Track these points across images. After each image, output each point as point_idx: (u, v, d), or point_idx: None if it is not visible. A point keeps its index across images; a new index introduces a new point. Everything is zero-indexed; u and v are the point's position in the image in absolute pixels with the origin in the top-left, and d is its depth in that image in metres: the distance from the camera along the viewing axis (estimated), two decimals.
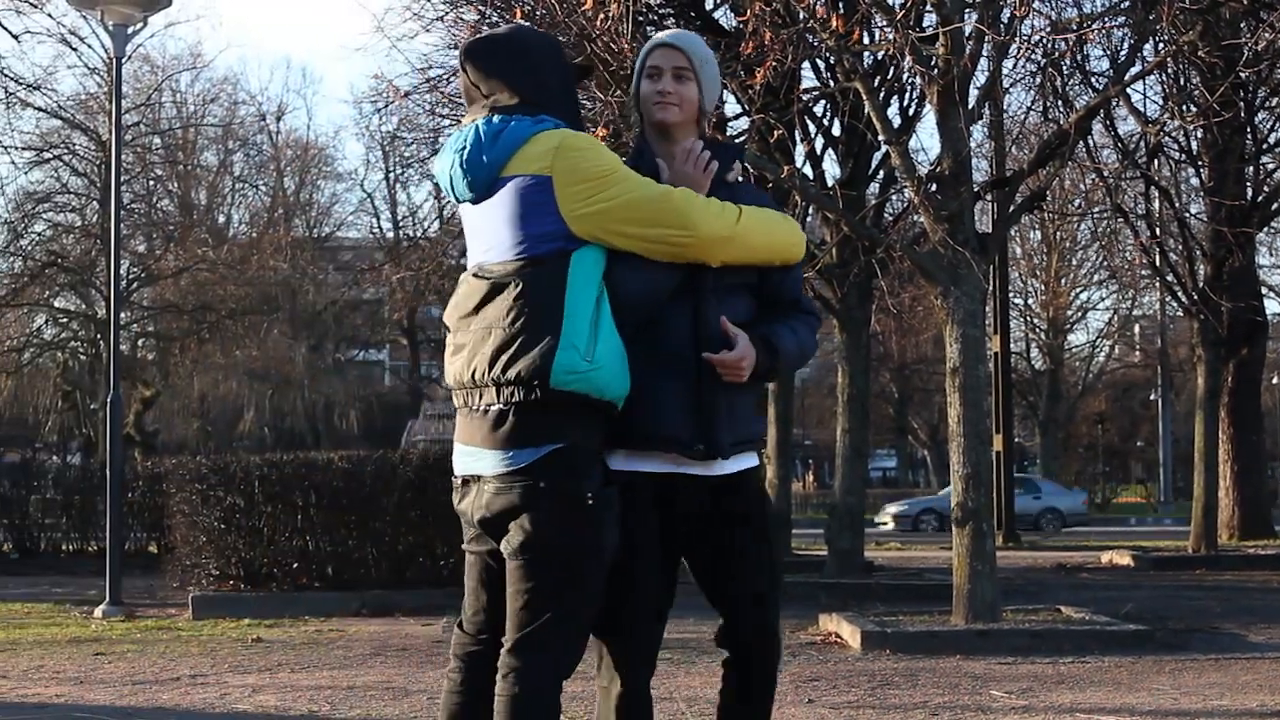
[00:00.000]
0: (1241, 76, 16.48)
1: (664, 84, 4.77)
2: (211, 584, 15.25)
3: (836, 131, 17.93)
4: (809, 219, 20.07)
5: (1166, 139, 21.64)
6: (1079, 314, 57.95)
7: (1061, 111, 15.84)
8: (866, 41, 14.14)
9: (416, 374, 63.66)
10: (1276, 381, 60.89)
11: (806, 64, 16.05)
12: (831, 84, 15.40)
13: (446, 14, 18.62)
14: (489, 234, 4.50)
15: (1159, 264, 23.84)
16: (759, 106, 14.41)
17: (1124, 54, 15.14)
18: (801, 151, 17.56)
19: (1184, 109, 18.09)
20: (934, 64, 12.34)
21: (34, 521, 23.21)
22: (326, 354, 56.77)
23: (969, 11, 12.50)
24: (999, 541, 18.89)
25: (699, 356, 4.56)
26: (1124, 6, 14.02)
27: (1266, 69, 18.45)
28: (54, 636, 12.99)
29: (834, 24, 12.08)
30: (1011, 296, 36.59)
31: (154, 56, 48.65)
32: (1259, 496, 27.50)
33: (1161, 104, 20.10)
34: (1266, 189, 22.87)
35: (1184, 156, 23.95)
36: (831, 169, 18.49)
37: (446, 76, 19.31)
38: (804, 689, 9.40)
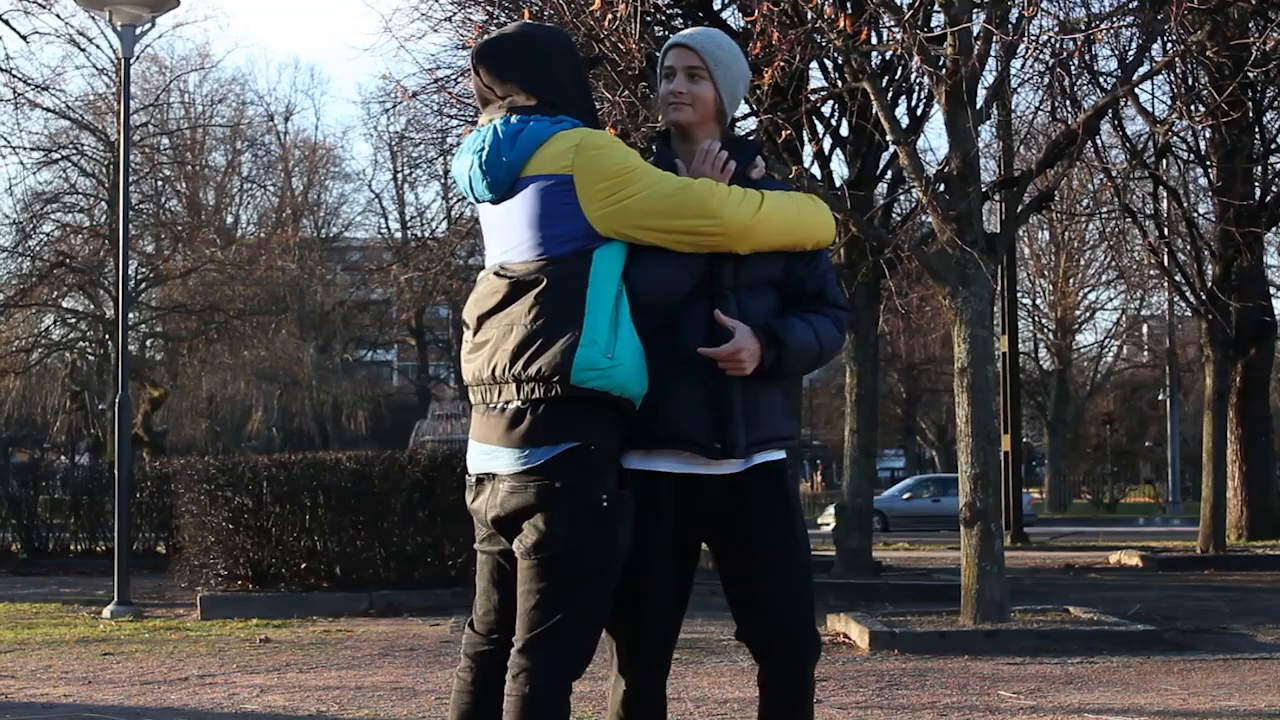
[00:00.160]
0: (1250, 76, 16.44)
1: (676, 84, 4.76)
2: (220, 584, 15.25)
3: (844, 132, 17.92)
4: None
5: (1175, 139, 21.59)
6: (1087, 314, 57.98)
7: (1069, 111, 15.83)
8: (874, 41, 14.16)
9: (425, 374, 63.72)
10: None
11: (814, 64, 16.04)
12: (839, 84, 15.39)
13: (454, 14, 18.64)
14: (510, 233, 4.50)
15: (1167, 264, 23.79)
16: (767, 107, 14.42)
17: (1132, 54, 15.12)
18: (809, 152, 17.55)
19: (1192, 109, 18.05)
20: (942, 64, 12.34)
21: (42, 521, 23.19)
22: (334, 354, 56.85)
23: (977, 11, 12.49)
24: (1007, 542, 18.84)
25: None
26: (1132, 6, 14.02)
27: (1275, 69, 18.39)
28: (62, 636, 12.99)
29: (842, 24, 12.08)
30: (1020, 297, 36.68)
31: (162, 57, 48.93)
32: (1267, 497, 27.47)
33: (1170, 104, 20.02)
34: (1275, 189, 22.80)
35: (1192, 156, 23.92)
36: (839, 169, 18.49)
37: (454, 77, 19.31)
38: None
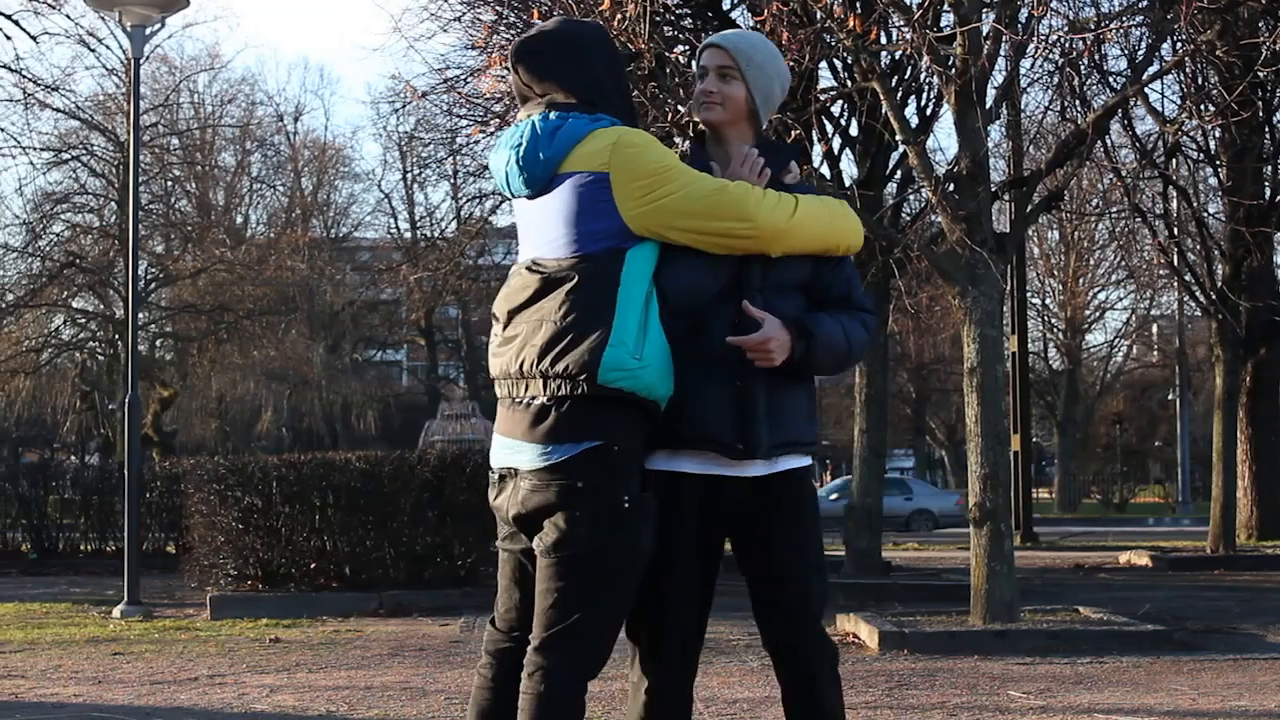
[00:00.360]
0: (1260, 76, 16.42)
1: (707, 83, 4.79)
2: (229, 584, 15.27)
3: (854, 131, 17.91)
4: None
5: (1184, 138, 21.57)
6: (1097, 314, 57.93)
7: (1079, 111, 15.80)
8: (884, 41, 14.12)
9: (434, 374, 63.73)
10: None
11: (824, 64, 16.03)
12: (849, 84, 15.39)
13: (464, 15, 18.63)
14: (544, 229, 4.51)
15: (1177, 264, 23.77)
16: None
17: (1142, 53, 15.09)
18: (819, 152, 17.53)
19: (1202, 108, 18.03)
20: (951, 64, 12.33)
21: (52, 522, 23.23)
22: (344, 354, 56.84)
23: (987, 11, 12.49)
24: (1017, 542, 18.83)
25: (742, 357, 4.53)
26: (1142, 6, 13.99)
27: None
28: (72, 636, 13.01)
29: (851, 24, 12.07)
30: (1029, 296, 36.60)
31: (172, 57, 48.88)
32: (1277, 497, 27.36)
33: (1179, 103, 20.05)
34: None
35: (1202, 156, 23.88)
36: (849, 169, 18.48)
37: (464, 77, 19.33)
38: None
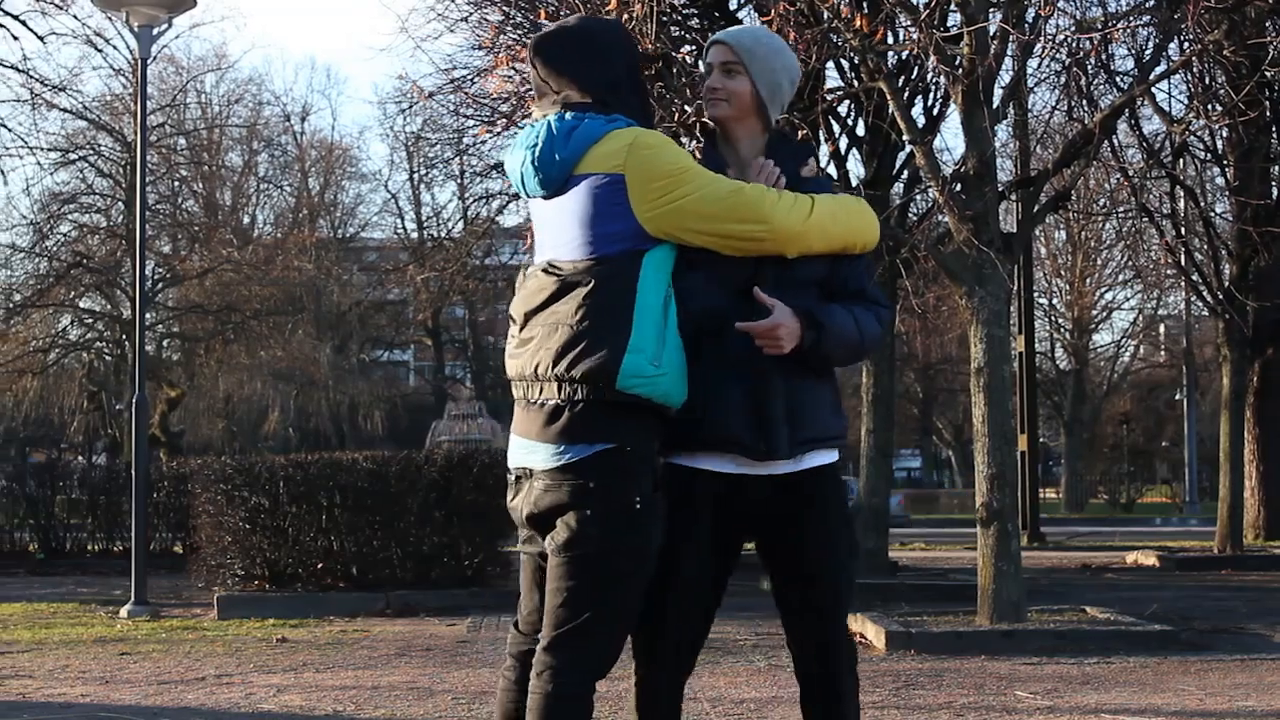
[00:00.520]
0: (1267, 76, 16.41)
1: (711, 80, 4.77)
2: (236, 584, 15.27)
3: (860, 131, 17.90)
4: None
5: (1191, 138, 21.55)
6: (1104, 314, 57.79)
7: (1086, 111, 15.80)
8: (891, 41, 14.14)
9: (441, 374, 63.70)
10: None
11: (830, 64, 16.03)
12: (855, 84, 15.38)
13: (470, 15, 18.63)
14: (560, 230, 4.50)
15: (1184, 263, 23.73)
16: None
17: (1149, 53, 15.07)
18: (826, 151, 17.52)
19: (1209, 108, 18.00)
20: (958, 64, 12.32)
21: (60, 521, 23.20)
22: (351, 354, 56.84)
23: (993, 11, 12.48)
24: (1024, 542, 18.79)
25: (758, 356, 4.52)
26: (1149, 5, 13.99)
27: None
28: (80, 636, 13.02)
29: (858, 24, 12.07)
30: (1036, 296, 36.60)
31: (179, 57, 48.98)
32: None
33: (1186, 103, 19.97)
34: None
35: (1209, 156, 23.85)
36: (855, 169, 18.47)
37: (471, 77, 19.32)
38: None
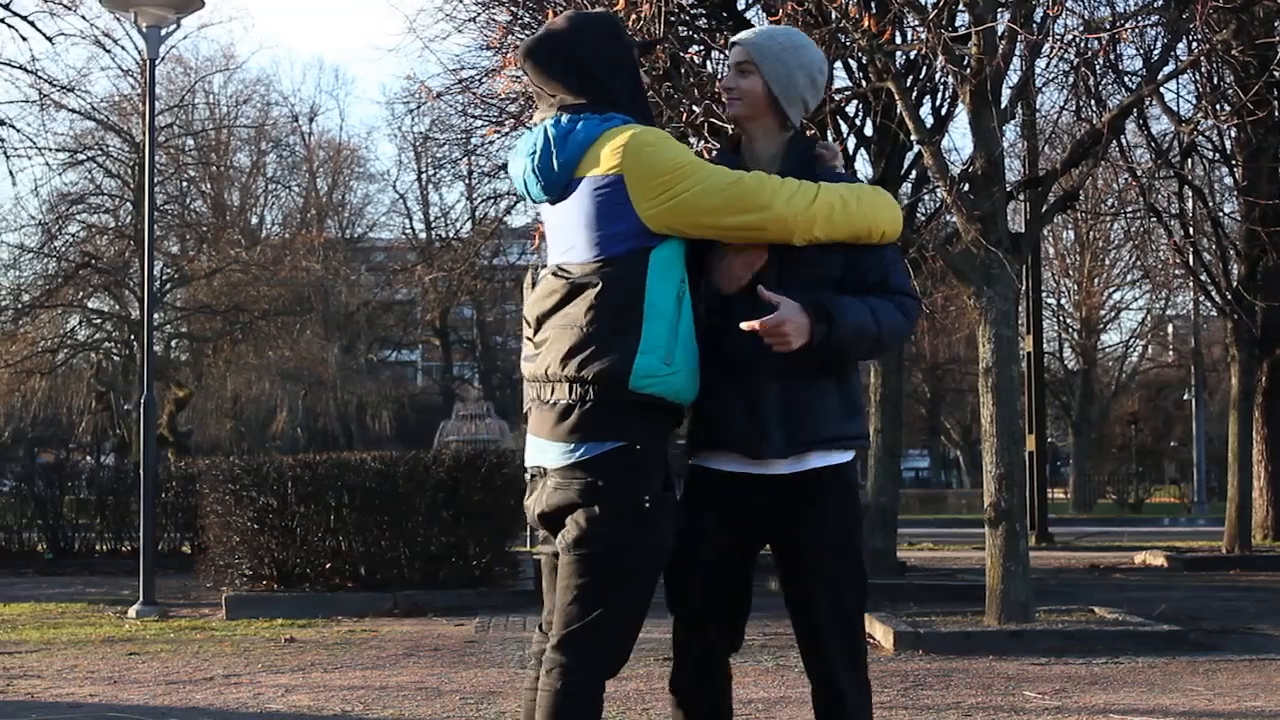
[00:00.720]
0: (1276, 75, 16.33)
1: (725, 80, 4.80)
2: (245, 584, 15.28)
3: (869, 131, 17.87)
4: None
5: (1200, 138, 21.51)
6: (1112, 314, 57.71)
7: (1094, 111, 15.76)
8: (899, 41, 14.12)
9: (449, 375, 63.72)
10: None
11: (839, 64, 16.00)
12: (864, 84, 15.37)
13: (478, 15, 18.62)
14: (567, 234, 4.51)
15: (1192, 264, 23.72)
16: None
17: (1157, 53, 15.06)
18: (831, 145, 17.50)
19: (1217, 108, 17.98)
20: (967, 63, 12.31)
21: (68, 522, 23.23)
22: (359, 355, 56.86)
23: (1002, 11, 12.46)
24: (1032, 542, 18.79)
25: (755, 353, 4.49)
26: (1157, 5, 13.96)
27: None
28: (88, 636, 13.03)
29: (866, 24, 12.06)
30: (1044, 296, 36.41)
31: (187, 58, 48.82)
32: None
33: (1195, 103, 19.97)
34: None
35: (1217, 156, 23.81)
36: (864, 169, 18.44)
37: (479, 77, 19.32)
38: None
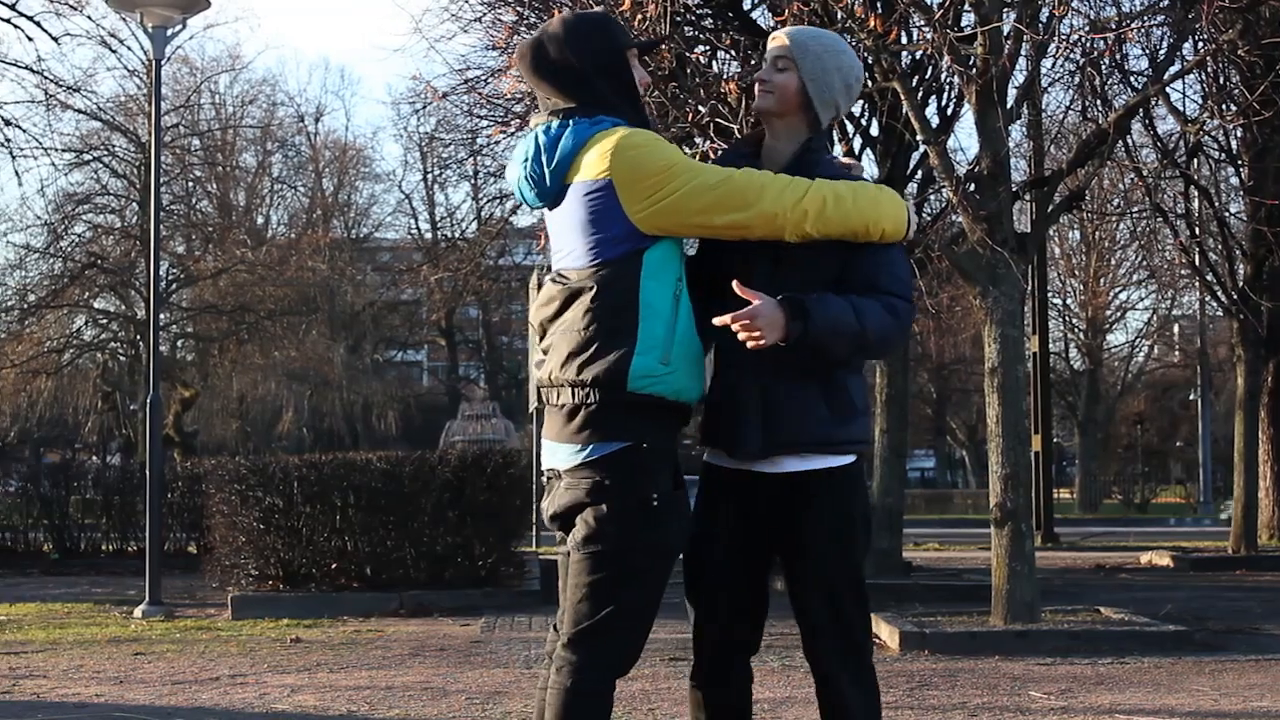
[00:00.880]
0: None
1: (762, 71, 4.75)
2: (250, 584, 15.28)
3: (874, 131, 17.89)
4: None
5: (1206, 138, 21.48)
6: (1118, 314, 57.66)
7: (1100, 111, 15.76)
8: (904, 41, 14.11)
9: (454, 375, 63.75)
10: None
11: None
12: (869, 84, 15.38)
13: (484, 15, 18.62)
14: (563, 240, 4.53)
15: (1198, 263, 23.68)
16: None
17: (1163, 53, 15.05)
18: (839, 151, 17.51)
19: (1224, 108, 17.96)
20: (972, 63, 12.31)
21: (74, 522, 23.23)
22: (365, 355, 56.91)
23: (1008, 11, 12.46)
24: (1038, 542, 18.76)
25: (735, 352, 4.47)
26: (1163, 5, 13.96)
27: None
28: (94, 636, 13.04)
29: (872, 24, 12.07)
30: (1050, 296, 36.50)
31: (193, 58, 48.94)
32: None
33: (1201, 103, 19.92)
34: None
35: (1223, 156, 23.78)
36: (869, 169, 18.45)
37: (484, 77, 19.32)
38: None
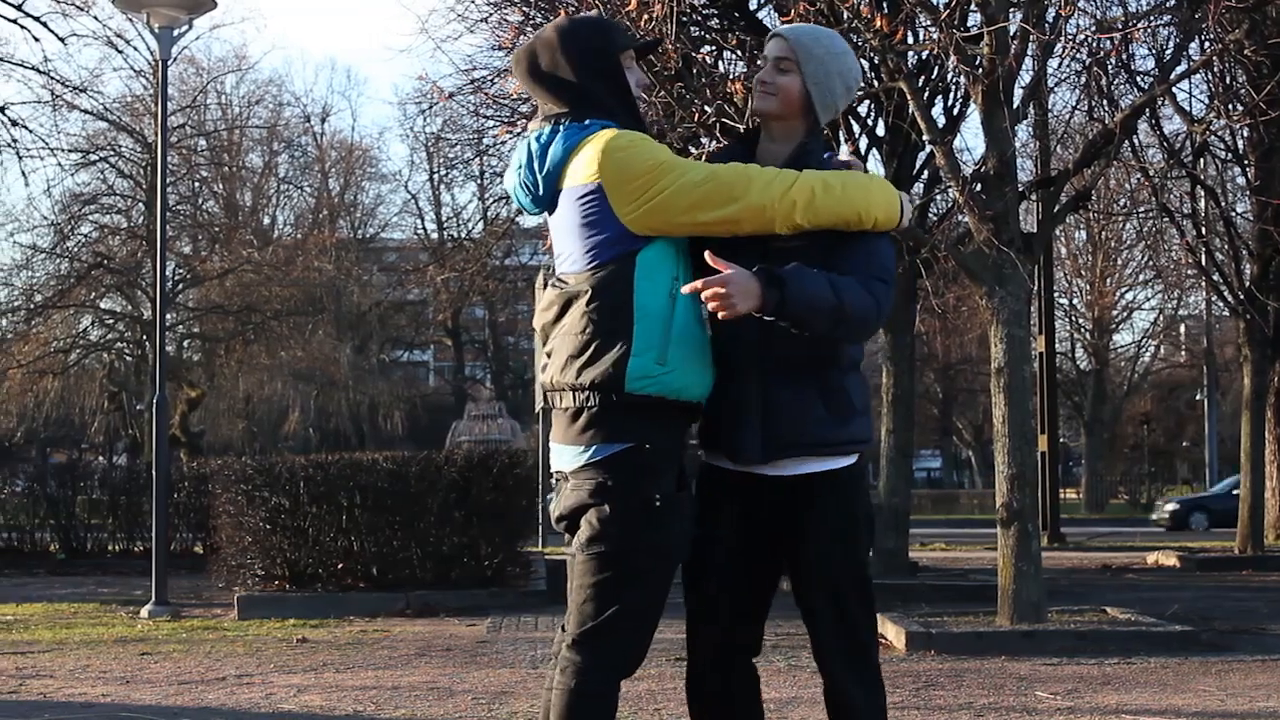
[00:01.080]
0: None
1: (763, 73, 4.69)
2: (257, 584, 15.29)
3: (881, 131, 17.88)
4: None
5: (1212, 138, 21.49)
6: (1124, 314, 57.74)
7: (1106, 111, 15.74)
8: (911, 41, 14.11)
9: (461, 375, 63.77)
10: None
11: None
12: (875, 84, 15.37)
13: (490, 15, 18.65)
14: (561, 244, 4.54)
15: (1204, 263, 23.70)
16: None
17: (1169, 53, 15.05)
18: (846, 152, 17.51)
19: (1230, 108, 17.95)
20: (978, 63, 12.30)
21: (80, 522, 23.28)
22: (371, 355, 56.95)
23: (1014, 11, 12.45)
24: (1044, 542, 18.78)
25: (743, 356, 4.46)
26: (1169, 5, 13.94)
27: None
28: (100, 636, 13.05)
29: (878, 24, 12.06)
30: (1057, 296, 36.47)
31: (199, 59, 49.02)
32: None
33: (1207, 103, 19.94)
34: None
35: (1230, 155, 23.79)
36: (876, 169, 18.43)
37: (490, 78, 19.36)
38: None
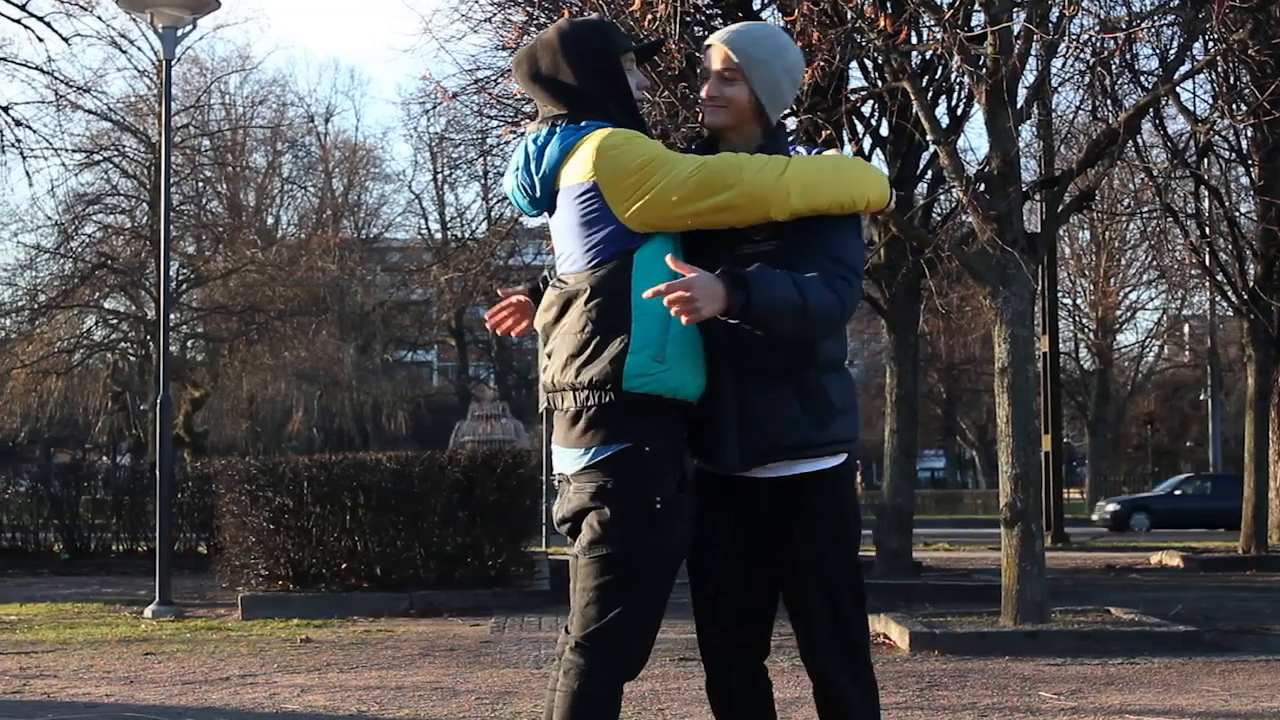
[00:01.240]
0: None
1: (708, 88, 4.59)
2: (260, 584, 15.30)
3: (884, 131, 17.87)
4: None
5: (1216, 138, 21.50)
6: (1128, 314, 57.73)
7: (1110, 111, 15.74)
8: (914, 41, 14.11)
9: (464, 375, 63.80)
10: None
11: (854, 64, 15.99)
12: (879, 84, 15.37)
13: (494, 15, 18.64)
14: (562, 245, 4.54)
15: (1208, 263, 23.71)
16: (807, 106, 14.40)
17: (1173, 53, 15.05)
18: (849, 151, 17.51)
19: (1234, 108, 17.96)
20: (982, 63, 12.30)
21: (84, 522, 23.32)
22: (375, 355, 56.98)
23: (1017, 10, 12.45)
24: (1048, 542, 18.77)
25: (719, 359, 4.43)
26: (1173, 5, 13.94)
27: None
28: (104, 636, 13.05)
29: (882, 23, 12.06)
30: (1060, 296, 36.45)
31: (203, 59, 49.05)
32: None
33: (1211, 103, 19.98)
34: None
35: (1234, 155, 23.80)
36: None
37: (494, 78, 19.33)
38: None
